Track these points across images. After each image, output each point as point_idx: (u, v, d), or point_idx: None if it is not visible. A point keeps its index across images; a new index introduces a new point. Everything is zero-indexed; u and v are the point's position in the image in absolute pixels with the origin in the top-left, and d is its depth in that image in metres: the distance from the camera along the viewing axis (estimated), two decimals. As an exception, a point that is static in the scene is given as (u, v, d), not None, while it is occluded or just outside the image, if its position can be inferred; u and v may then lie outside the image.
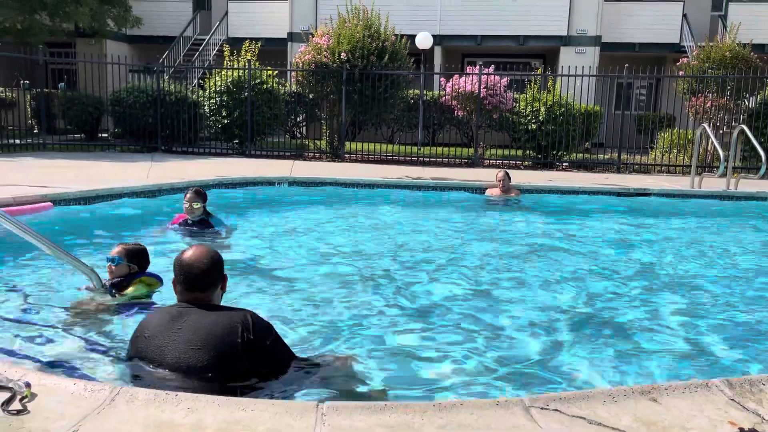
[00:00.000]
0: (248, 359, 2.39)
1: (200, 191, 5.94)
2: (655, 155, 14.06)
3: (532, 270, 5.35)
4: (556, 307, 4.26)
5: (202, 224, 5.86)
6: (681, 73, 14.36)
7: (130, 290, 3.67)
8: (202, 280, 2.55)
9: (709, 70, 13.67)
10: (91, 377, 2.64)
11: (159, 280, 3.84)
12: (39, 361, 2.86)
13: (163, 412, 1.97)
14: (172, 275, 2.61)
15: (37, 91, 14.55)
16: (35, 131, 15.12)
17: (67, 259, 3.51)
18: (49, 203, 6.42)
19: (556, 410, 2.04)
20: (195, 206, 5.74)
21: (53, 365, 2.81)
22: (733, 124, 13.43)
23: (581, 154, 14.50)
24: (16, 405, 1.95)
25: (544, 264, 5.60)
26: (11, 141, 12.93)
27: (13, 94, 16.53)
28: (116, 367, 2.79)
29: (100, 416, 1.93)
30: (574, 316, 4.07)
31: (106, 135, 16.45)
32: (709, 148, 12.99)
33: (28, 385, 2.05)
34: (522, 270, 5.34)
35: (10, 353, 2.91)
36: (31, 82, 16.02)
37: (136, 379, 2.40)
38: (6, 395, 2.00)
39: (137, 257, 3.78)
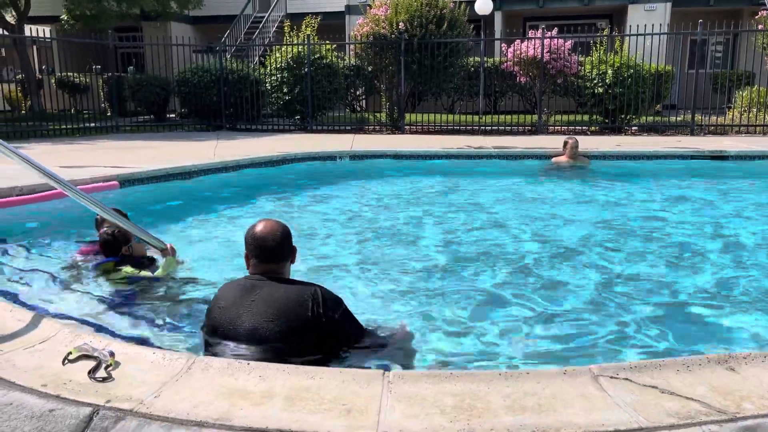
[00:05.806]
0: (317, 333, 2.45)
1: (122, 211, 4.16)
2: (733, 115, 13.30)
3: (602, 238, 5.21)
4: (627, 276, 4.15)
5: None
6: (761, 27, 13.44)
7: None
8: (276, 252, 2.61)
9: (792, 22, 12.77)
10: (168, 347, 2.77)
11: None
12: (120, 332, 3.02)
13: (236, 380, 2.05)
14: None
15: (108, 76, 15.12)
16: (108, 114, 15.75)
17: (141, 234, 3.68)
18: (115, 182, 6.66)
19: (627, 379, 2.00)
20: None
21: (133, 335, 2.96)
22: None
23: (651, 117, 13.88)
24: (101, 372, 2.08)
25: (615, 232, 5.44)
26: (87, 125, 13.55)
27: (87, 79, 17.28)
28: (191, 336, 2.91)
29: (178, 383, 2.03)
30: (646, 286, 3.95)
31: (173, 115, 16.96)
32: (792, 106, 12.21)
33: (112, 354, 2.18)
34: (593, 239, 5.21)
35: (94, 325, 3.08)
36: (102, 67, 16.66)
37: (210, 348, 2.50)
38: (92, 363, 2.13)
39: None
